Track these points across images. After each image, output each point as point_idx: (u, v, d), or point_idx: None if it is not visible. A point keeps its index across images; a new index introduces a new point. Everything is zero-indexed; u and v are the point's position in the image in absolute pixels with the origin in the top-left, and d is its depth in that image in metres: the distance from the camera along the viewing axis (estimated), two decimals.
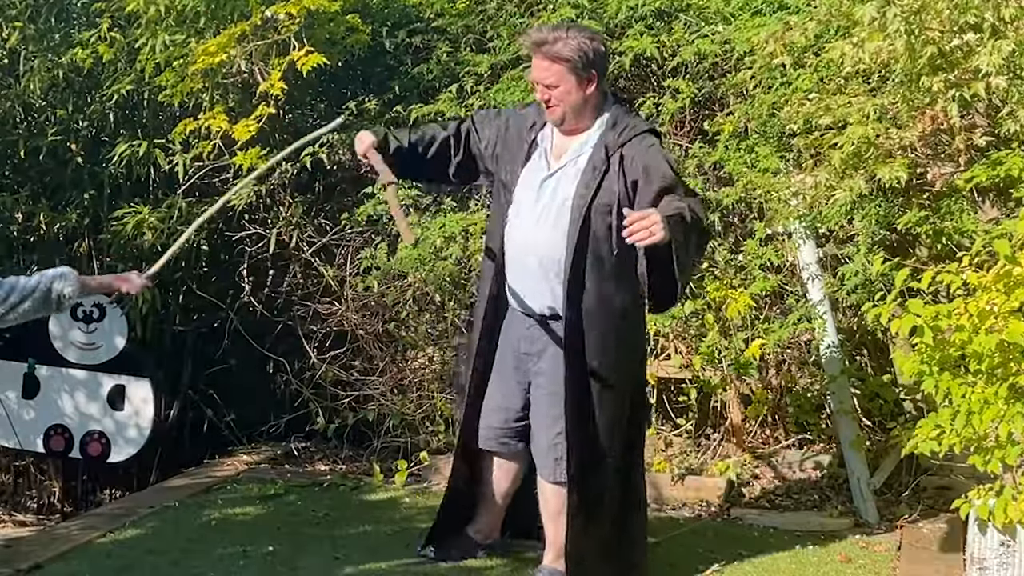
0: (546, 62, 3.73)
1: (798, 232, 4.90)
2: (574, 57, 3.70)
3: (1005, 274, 3.57)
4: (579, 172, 3.79)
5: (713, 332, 4.98)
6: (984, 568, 3.91)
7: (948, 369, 3.71)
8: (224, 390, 5.93)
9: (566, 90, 3.74)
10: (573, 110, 3.78)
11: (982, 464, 3.65)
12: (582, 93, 3.75)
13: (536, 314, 3.88)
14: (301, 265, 5.86)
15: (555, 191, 3.81)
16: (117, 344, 5.93)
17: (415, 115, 5.52)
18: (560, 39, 3.71)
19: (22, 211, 5.98)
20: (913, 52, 4.07)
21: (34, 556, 4.27)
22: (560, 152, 3.86)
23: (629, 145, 3.76)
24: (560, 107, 3.77)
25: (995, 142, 4.35)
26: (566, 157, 3.84)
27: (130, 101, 5.95)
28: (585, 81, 3.74)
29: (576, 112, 3.79)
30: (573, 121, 3.81)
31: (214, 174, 5.72)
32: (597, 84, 3.77)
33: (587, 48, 3.71)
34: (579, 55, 3.70)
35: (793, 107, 4.54)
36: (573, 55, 3.70)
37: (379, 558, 4.29)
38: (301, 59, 5.19)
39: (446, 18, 5.79)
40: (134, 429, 5.92)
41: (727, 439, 5.37)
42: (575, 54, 3.70)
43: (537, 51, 3.75)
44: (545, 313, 3.86)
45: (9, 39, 5.92)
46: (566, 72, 3.72)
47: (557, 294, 3.80)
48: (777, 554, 4.39)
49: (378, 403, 5.53)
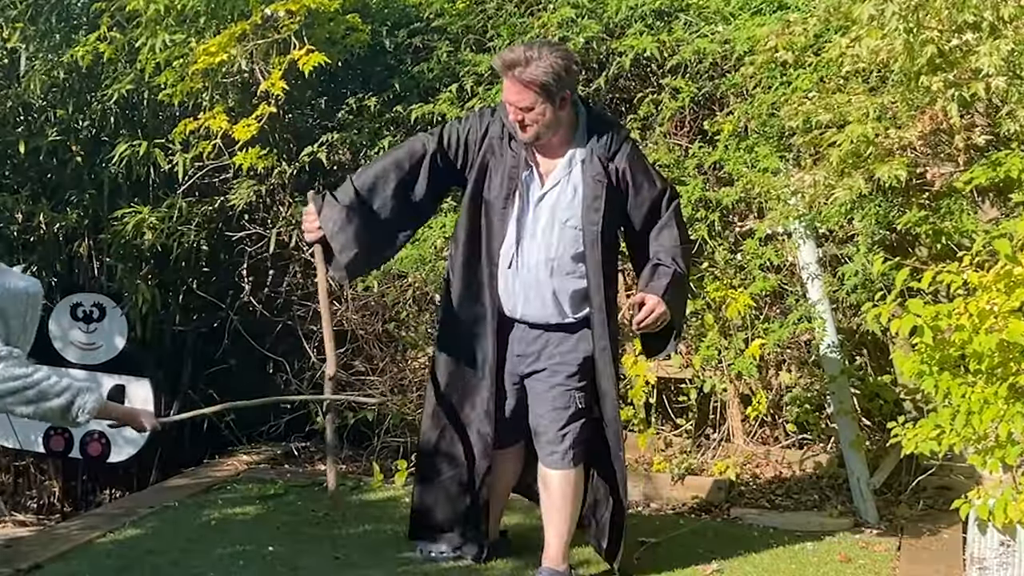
0: (518, 86, 3.70)
1: (798, 232, 4.90)
2: (548, 81, 3.68)
3: (1005, 274, 3.57)
4: (576, 188, 3.84)
5: (713, 332, 4.98)
6: (984, 568, 3.91)
7: (948, 369, 3.71)
8: (224, 390, 5.91)
9: (540, 112, 3.73)
10: (547, 128, 3.78)
11: (982, 464, 3.65)
12: (555, 113, 3.76)
13: (538, 324, 3.93)
14: (301, 265, 5.85)
15: (553, 211, 3.85)
16: (117, 344, 5.93)
17: (415, 115, 5.52)
18: (532, 60, 3.67)
19: (22, 211, 5.98)
20: (912, 51, 4.07)
21: (34, 556, 4.27)
22: (549, 168, 3.88)
23: (619, 156, 3.85)
24: (534, 127, 3.77)
25: (995, 141, 4.34)
26: (557, 173, 3.86)
27: (130, 101, 5.95)
28: (559, 100, 3.74)
29: (550, 129, 3.80)
30: (548, 136, 3.82)
31: (214, 174, 5.73)
32: (570, 100, 3.79)
33: (559, 68, 3.68)
34: (552, 78, 3.67)
35: (793, 106, 4.54)
36: (547, 78, 3.67)
37: (379, 558, 4.29)
38: (302, 58, 5.19)
39: (446, 18, 5.79)
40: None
41: (727, 439, 5.38)
42: (548, 77, 3.67)
43: (508, 73, 3.72)
44: (550, 322, 3.91)
45: (9, 39, 5.92)
46: (539, 94, 3.70)
47: (562, 310, 3.88)
48: (777, 554, 4.39)
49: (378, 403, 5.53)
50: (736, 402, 5.39)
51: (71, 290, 6.10)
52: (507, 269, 3.90)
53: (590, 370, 3.92)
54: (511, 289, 3.91)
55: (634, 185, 3.86)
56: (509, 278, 3.90)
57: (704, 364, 5.04)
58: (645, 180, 3.88)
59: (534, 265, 3.85)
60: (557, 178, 3.85)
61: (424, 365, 5.65)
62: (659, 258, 3.88)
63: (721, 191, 5.06)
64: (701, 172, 5.23)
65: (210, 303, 5.92)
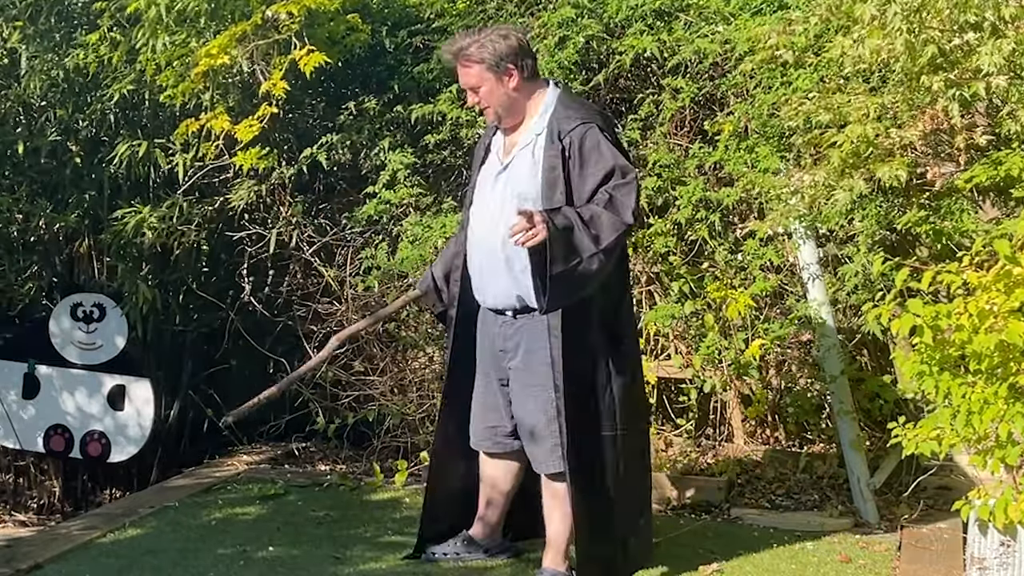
0: (464, 68, 3.92)
1: (798, 232, 4.90)
2: (486, 56, 3.86)
3: (1005, 274, 3.57)
4: (535, 163, 3.85)
5: (713, 332, 4.98)
6: (984, 568, 3.91)
7: (948, 369, 3.71)
8: (224, 390, 5.93)
9: (488, 90, 3.89)
10: (504, 107, 3.91)
11: (982, 465, 3.65)
12: (504, 88, 3.89)
13: (505, 309, 3.93)
14: (301, 265, 5.86)
15: (506, 184, 3.91)
16: (117, 344, 5.94)
17: (415, 115, 5.52)
18: (474, 43, 3.89)
19: (22, 211, 5.98)
20: (913, 51, 4.06)
21: (34, 556, 4.27)
22: (510, 147, 3.97)
23: (575, 132, 3.82)
24: (491, 108, 3.93)
25: (995, 141, 4.34)
26: (515, 150, 3.93)
27: (130, 101, 5.95)
28: (504, 76, 3.87)
29: (507, 108, 3.92)
30: (509, 117, 3.94)
31: (214, 174, 5.73)
32: (519, 78, 3.88)
33: (497, 43, 3.87)
34: (491, 52, 3.86)
35: (793, 106, 4.54)
36: (486, 55, 3.87)
37: (379, 558, 4.29)
38: (303, 58, 5.18)
39: (446, 18, 5.79)
40: (134, 429, 5.93)
41: (727, 439, 5.38)
42: (485, 52, 3.87)
43: (457, 60, 3.94)
44: (515, 307, 3.90)
45: (9, 39, 5.92)
46: (483, 71, 3.87)
47: (524, 287, 3.83)
48: (777, 554, 4.39)
49: (378, 403, 5.53)
50: (736, 402, 5.39)
51: (71, 290, 6.11)
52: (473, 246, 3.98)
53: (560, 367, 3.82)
54: (476, 266, 3.98)
55: (581, 159, 3.81)
56: (473, 255, 3.98)
57: (704, 364, 5.04)
58: (594, 156, 3.80)
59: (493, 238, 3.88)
60: (514, 154, 3.93)
61: (424, 365, 5.65)
62: (579, 208, 3.75)
63: (721, 191, 5.06)
64: (701, 172, 5.23)
65: (210, 303, 5.92)
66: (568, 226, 3.64)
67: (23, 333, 6.12)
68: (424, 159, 5.62)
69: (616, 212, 3.70)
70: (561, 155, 3.80)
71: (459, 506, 4.25)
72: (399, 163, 5.46)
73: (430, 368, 5.62)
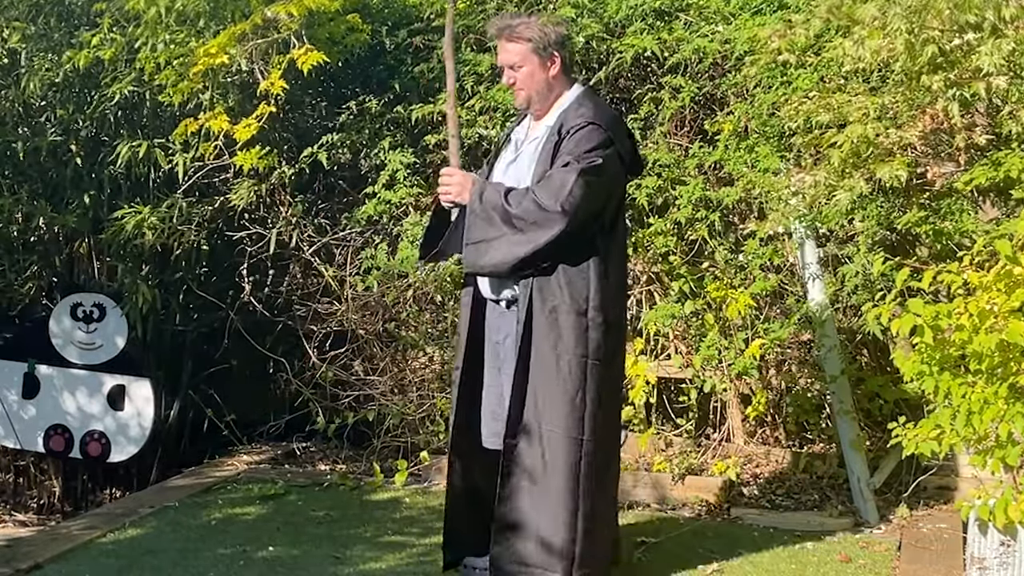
0: (510, 44, 3.88)
1: (798, 232, 4.90)
2: (535, 36, 3.86)
3: (1005, 274, 3.57)
4: (535, 157, 3.85)
5: (713, 332, 4.98)
6: (984, 568, 3.91)
7: (948, 369, 3.71)
8: (224, 390, 5.93)
9: (529, 71, 3.87)
10: (538, 93, 3.89)
11: (982, 464, 3.65)
12: (545, 75, 3.88)
13: (499, 299, 3.92)
14: (301, 265, 5.86)
15: (510, 175, 3.91)
16: (117, 344, 5.93)
17: (416, 115, 5.52)
18: (523, 23, 3.89)
19: (22, 211, 5.98)
20: (913, 51, 4.06)
21: (34, 556, 4.27)
22: (525, 139, 3.96)
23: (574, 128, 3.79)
24: (525, 90, 3.90)
25: (995, 141, 4.34)
26: (526, 143, 3.94)
27: (130, 101, 5.95)
28: (547, 61, 3.87)
29: (541, 95, 3.90)
30: (538, 104, 3.92)
31: (214, 174, 5.73)
32: (560, 67, 3.88)
33: (549, 30, 3.87)
34: (540, 35, 3.85)
35: (793, 106, 4.54)
36: (535, 35, 3.86)
37: (379, 558, 4.29)
38: (301, 57, 5.18)
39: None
40: (134, 429, 5.93)
41: (727, 439, 5.38)
42: (537, 34, 3.86)
43: (501, 35, 3.92)
44: (507, 297, 3.88)
45: (9, 39, 5.92)
46: (529, 52, 3.86)
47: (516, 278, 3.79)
48: (777, 554, 4.39)
49: (378, 403, 5.54)
50: (736, 402, 5.39)
51: (71, 290, 6.11)
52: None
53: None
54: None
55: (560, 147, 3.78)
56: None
57: (704, 364, 5.04)
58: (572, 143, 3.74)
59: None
60: (523, 147, 3.93)
61: (424, 365, 5.66)
62: (518, 190, 3.76)
63: (721, 191, 5.06)
64: (701, 172, 5.23)
65: (210, 303, 5.92)
66: (495, 204, 3.72)
67: (23, 333, 6.12)
68: (424, 159, 5.62)
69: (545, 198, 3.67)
70: (554, 149, 3.80)
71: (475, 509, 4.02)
72: (399, 163, 5.46)
73: (430, 368, 5.62)
